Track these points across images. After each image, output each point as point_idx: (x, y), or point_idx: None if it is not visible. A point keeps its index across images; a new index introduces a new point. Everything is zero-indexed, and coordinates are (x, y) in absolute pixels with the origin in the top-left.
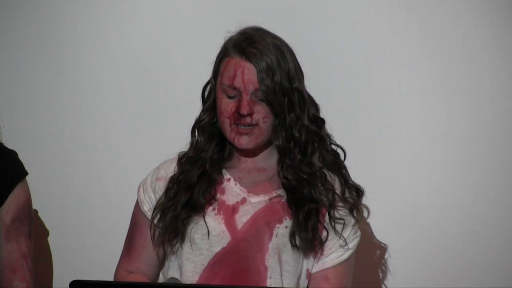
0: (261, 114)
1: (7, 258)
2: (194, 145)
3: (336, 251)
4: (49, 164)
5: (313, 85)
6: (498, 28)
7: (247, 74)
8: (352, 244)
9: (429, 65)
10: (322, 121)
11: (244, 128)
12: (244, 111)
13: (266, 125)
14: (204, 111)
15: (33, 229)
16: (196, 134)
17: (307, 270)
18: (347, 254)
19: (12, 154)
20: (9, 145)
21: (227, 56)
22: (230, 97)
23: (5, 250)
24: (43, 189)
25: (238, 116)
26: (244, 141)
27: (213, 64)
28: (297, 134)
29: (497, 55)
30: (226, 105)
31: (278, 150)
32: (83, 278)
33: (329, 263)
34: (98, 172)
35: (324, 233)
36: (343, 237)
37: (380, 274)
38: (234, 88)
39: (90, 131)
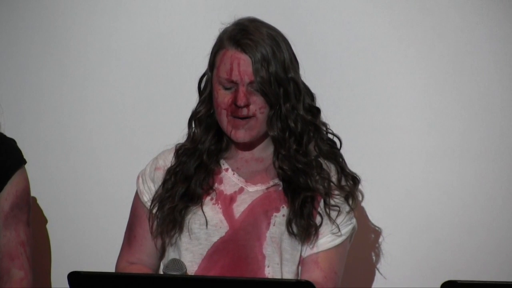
0: (258, 105)
1: (5, 246)
2: (191, 137)
3: (327, 236)
4: (48, 154)
5: (309, 75)
6: (493, 21)
7: (242, 65)
8: (345, 230)
9: (425, 56)
10: (317, 110)
11: (241, 120)
12: (241, 102)
13: (263, 115)
14: (200, 103)
15: (32, 217)
16: (193, 126)
17: (301, 256)
18: (339, 240)
19: (11, 142)
20: (9, 134)
21: (223, 48)
22: (226, 89)
23: (4, 237)
24: (42, 179)
25: (235, 108)
26: (241, 135)
27: (208, 56)
28: (292, 124)
29: (493, 47)
30: (223, 97)
31: (273, 141)
32: (81, 268)
33: (320, 247)
34: (97, 162)
35: (319, 219)
36: (336, 223)
37: (374, 257)
38: (231, 81)
39: (90, 121)
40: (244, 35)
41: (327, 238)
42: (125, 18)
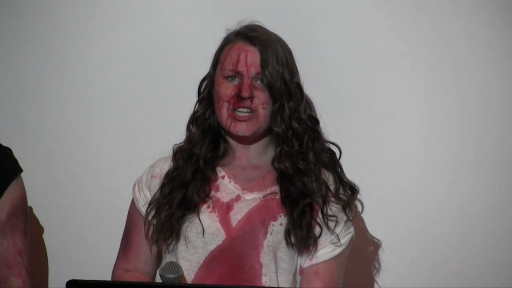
0: (261, 99)
1: (2, 255)
2: (188, 137)
3: (327, 247)
4: (44, 162)
5: (309, 83)
6: (493, 29)
7: (250, 57)
8: (344, 240)
9: (425, 65)
10: (316, 121)
11: (242, 114)
12: (246, 93)
13: (265, 111)
14: (198, 102)
15: (29, 226)
16: (191, 127)
17: (300, 266)
18: (339, 250)
19: (7, 151)
20: (4, 142)
21: (230, 43)
22: (230, 81)
23: (1, 246)
24: (38, 187)
25: (238, 100)
26: (241, 127)
27: (211, 59)
28: (295, 125)
29: (493, 55)
30: (226, 89)
31: (276, 138)
32: (78, 276)
33: (320, 258)
34: (94, 170)
35: (318, 229)
36: (335, 233)
37: (373, 270)
38: (237, 72)
39: (86, 128)
40: (253, 31)
41: (327, 249)
42: (125, 24)
